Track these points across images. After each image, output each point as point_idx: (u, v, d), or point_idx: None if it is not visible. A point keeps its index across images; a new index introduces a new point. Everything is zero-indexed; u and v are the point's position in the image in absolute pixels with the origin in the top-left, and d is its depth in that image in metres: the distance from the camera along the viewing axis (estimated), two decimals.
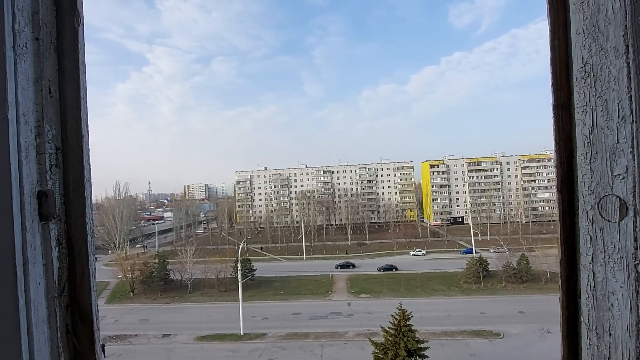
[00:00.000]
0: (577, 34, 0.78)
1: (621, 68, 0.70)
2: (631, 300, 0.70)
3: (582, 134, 0.77)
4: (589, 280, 0.77)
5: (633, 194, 0.69)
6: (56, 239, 0.82)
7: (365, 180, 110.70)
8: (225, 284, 55.25)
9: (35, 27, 0.80)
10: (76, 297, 0.86)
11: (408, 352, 26.54)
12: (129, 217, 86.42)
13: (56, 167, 0.83)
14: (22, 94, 0.76)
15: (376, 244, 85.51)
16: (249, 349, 36.17)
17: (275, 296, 52.33)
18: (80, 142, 0.86)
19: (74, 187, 0.85)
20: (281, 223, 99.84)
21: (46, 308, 0.80)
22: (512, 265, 53.33)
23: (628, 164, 0.69)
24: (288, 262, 74.18)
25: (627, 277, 0.70)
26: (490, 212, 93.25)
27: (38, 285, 0.78)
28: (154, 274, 56.38)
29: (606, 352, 0.74)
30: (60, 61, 0.84)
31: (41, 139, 0.80)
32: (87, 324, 0.87)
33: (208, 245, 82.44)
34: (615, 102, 0.71)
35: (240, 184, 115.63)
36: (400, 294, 48.22)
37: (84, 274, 0.87)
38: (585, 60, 0.76)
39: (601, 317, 0.75)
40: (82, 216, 0.86)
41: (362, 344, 33.45)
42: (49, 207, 0.81)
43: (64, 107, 0.84)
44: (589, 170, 0.76)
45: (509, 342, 34.97)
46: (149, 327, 42.24)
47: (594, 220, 0.75)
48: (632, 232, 0.69)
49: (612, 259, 0.72)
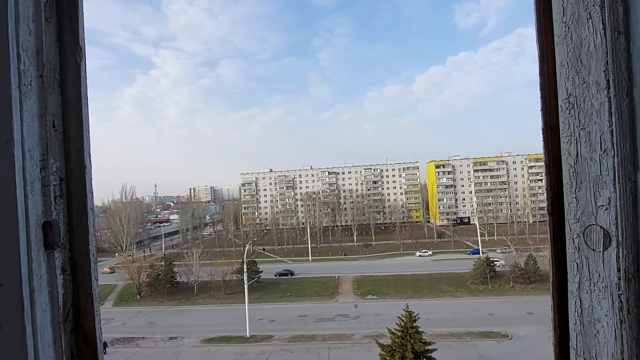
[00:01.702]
0: (561, 65, 0.80)
1: (603, 102, 0.71)
2: (616, 329, 0.71)
3: (567, 164, 0.79)
4: (576, 307, 0.78)
5: (616, 225, 0.70)
6: (61, 266, 0.86)
7: (370, 181, 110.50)
8: (231, 286, 55.44)
9: (39, 65, 0.83)
10: (80, 322, 0.89)
11: (415, 354, 26.42)
12: (135, 220, 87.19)
13: (60, 198, 0.87)
14: (27, 130, 0.80)
15: (382, 245, 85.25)
16: (256, 352, 36.24)
17: (282, 298, 52.40)
18: (83, 173, 0.89)
19: (77, 216, 0.89)
20: (287, 225, 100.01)
21: (52, 333, 0.84)
22: (519, 266, 52.84)
23: (610, 195, 0.71)
24: (294, 263, 74.23)
25: (611, 306, 0.71)
26: (497, 212, 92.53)
27: (44, 312, 0.82)
28: (161, 276, 56.76)
29: None
30: (63, 95, 0.88)
31: (46, 171, 0.84)
32: (90, 347, 0.90)
33: (214, 247, 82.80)
34: (598, 135, 0.72)
35: (245, 186, 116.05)
36: (407, 296, 48.05)
37: (87, 299, 0.90)
38: (569, 92, 0.78)
39: (588, 343, 0.76)
40: (85, 243, 0.89)
41: (369, 346, 33.36)
42: (54, 236, 0.84)
43: (68, 140, 0.88)
44: (575, 199, 0.77)
45: (517, 344, 34.64)
46: (156, 330, 42.52)
47: (579, 248, 0.77)
48: (615, 263, 0.70)
49: (597, 287, 0.74)
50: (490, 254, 61.04)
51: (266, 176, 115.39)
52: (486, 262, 53.48)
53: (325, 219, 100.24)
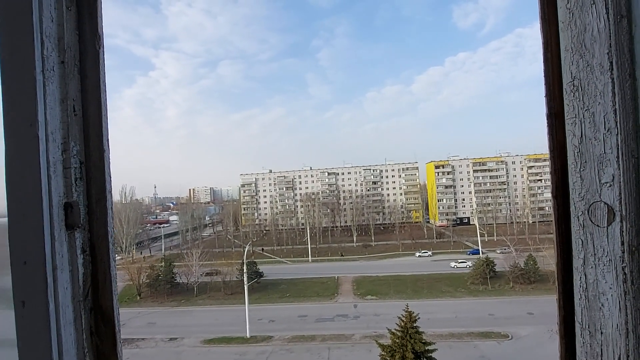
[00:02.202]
0: (565, 50, 0.82)
1: (606, 83, 0.74)
2: (620, 300, 0.74)
3: (572, 144, 0.82)
4: (581, 282, 0.81)
5: (619, 200, 0.73)
6: (81, 247, 0.89)
7: (370, 182, 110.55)
8: (231, 286, 55.41)
9: (60, 52, 0.86)
10: (99, 302, 0.92)
11: (415, 354, 26.41)
12: (135, 221, 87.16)
13: (80, 180, 0.89)
14: (50, 114, 0.82)
15: (382, 246, 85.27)
16: (256, 352, 36.23)
17: (282, 299, 52.39)
18: (102, 157, 0.92)
19: (96, 199, 0.91)
20: (286, 225, 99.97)
21: (72, 311, 0.86)
22: (519, 266, 52.87)
23: (614, 172, 0.74)
24: (294, 264, 74.22)
25: (615, 279, 0.74)
26: (497, 213, 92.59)
27: (65, 290, 0.84)
28: (161, 277, 56.73)
29: (598, 350, 0.79)
30: (83, 82, 0.91)
31: (67, 154, 0.86)
32: (109, 326, 0.93)
33: (214, 248, 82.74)
34: (602, 115, 0.75)
35: (245, 187, 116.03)
36: (406, 296, 48.05)
37: (106, 279, 0.93)
38: (573, 75, 0.80)
39: (593, 317, 0.79)
40: (104, 225, 0.92)
41: (369, 346, 33.35)
42: (75, 217, 0.87)
43: (87, 125, 0.91)
44: (579, 178, 0.80)
45: (518, 344, 34.66)
46: (156, 331, 42.48)
47: (584, 225, 0.80)
48: (619, 237, 0.73)
49: (601, 262, 0.77)
50: (490, 254, 61.06)
51: (266, 177, 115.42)
52: (486, 263, 53.53)
53: (324, 219, 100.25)
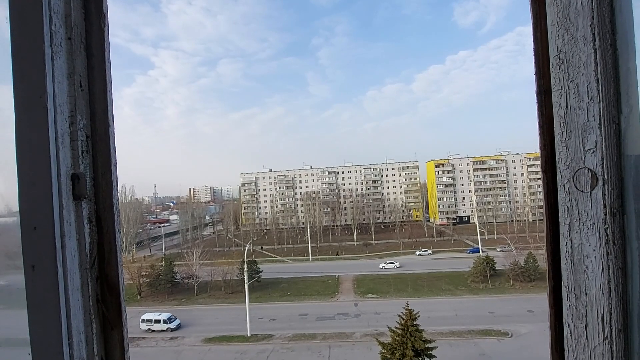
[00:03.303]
0: (552, 25, 0.86)
1: (589, 54, 0.78)
2: (602, 261, 0.78)
3: (558, 115, 0.85)
4: (567, 247, 0.85)
5: (602, 165, 0.77)
6: (87, 217, 0.92)
7: (370, 181, 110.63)
8: (231, 285, 55.50)
9: (67, 28, 0.90)
10: (105, 271, 0.96)
11: (415, 352, 26.50)
12: (135, 221, 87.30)
13: (87, 153, 0.93)
14: (58, 87, 0.86)
15: (382, 244, 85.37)
16: (257, 351, 36.30)
17: (282, 297, 52.47)
18: (107, 131, 0.95)
19: (102, 172, 0.95)
20: (287, 224, 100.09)
21: (79, 278, 0.90)
22: (519, 264, 52.95)
23: (597, 139, 0.77)
24: (294, 263, 74.31)
25: (598, 241, 0.78)
26: (497, 211, 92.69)
27: (73, 257, 0.88)
28: (161, 276, 56.82)
29: (583, 311, 0.82)
30: (89, 59, 0.94)
31: (74, 127, 0.90)
32: (114, 295, 0.96)
33: (214, 247, 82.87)
34: (585, 85, 0.79)
35: (245, 186, 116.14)
36: (407, 294, 48.10)
37: (111, 250, 0.96)
38: (559, 49, 0.84)
39: (578, 280, 0.83)
40: (109, 197, 0.96)
41: (369, 345, 33.44)
42: (81, 188, 0.90)
43: (93, 100, 0.94)
44: (565, 147, 0.84)
45: (518, 342, 34.73)
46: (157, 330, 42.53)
47: (570, 192, 0.83)
48: (601, 200, 0.77)
49: (585, 226, 0.80)
50: (491, 252, 61.14)
51: (266, 176, 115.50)
52: (486, 261, 53.60)
53: (325, 218, 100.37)
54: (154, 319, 42.66)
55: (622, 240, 0.76)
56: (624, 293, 0.76)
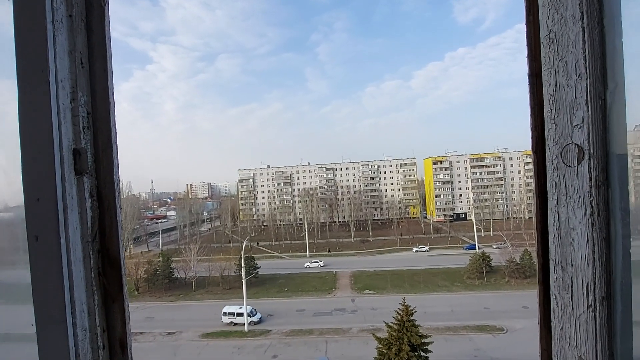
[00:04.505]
0: (542, 5, 0.88)
1: (577, 32, 0.80)
2: (587, 232, 0.81)
3: (547, 94, 0.88)
4: (555, 221, 0.87)
5: (588, 140, 0.79)
6: (89, 191, 0.94)
7: (368, 177, 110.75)
8: (229, 281, 55.60)
9: (68, 6, 0.91)
10: (106, 245, 0.98)
11: (412, 347, 26.68)
12: (132, 216, 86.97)
13: (88, 129, 0.95)
14: (59, 63, 0.88)
15: (379, 241, 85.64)
16: (254, 346, 36.46)
17: (280, 293, 52.63)
18: (107, 108, 0.97)
19: (102, 148, 0.97)
20: (284, 221, 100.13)
21: (81, 250, 0.92)
22: (515, 261, 53.32)
23: (584, 115, 0.80)
24: (292, 259, 74.46)
25: (584, 213, 0.81)
26: (493, 208, 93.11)
27: (75, 230, 0.90)
28: (159, 272, 56.82)
29: (569, 282, 0.85)
30: (89, 36, 0.96)
31: (75, 103, 0.92)
32: (116, 268, 0.98)
33: (212, 243, 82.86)
34: (573, 63, 0.81)
35: (243, 182, 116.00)
36: (403, 290, 48.35)
37: (112, 224, 0.98)
38: (549, 29, 0.86)
39: (564, 252, 0.86)
40: (110, 173, 0.98)
41: (366, 340, 33.64)
42: (82, 163, 0.92)
43: (94, 77, 0.96)
44: (554, 124, 0.87)
45: (512, 337, 35.05)
46: (155, 325, 42.63)
47: (557, 168, 0.86)
48: (587, 174, 0.80)
49: (572, 199, 0.83)
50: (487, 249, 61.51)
51: (264, 172, 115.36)
52: (482, 258, 53.93)
53: (322, 214, 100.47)
54: (236, 312, 42.05)
55: (606, 212, 0.79)
56: (608, 263, 0.79)
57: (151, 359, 35.14)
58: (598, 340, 0.81)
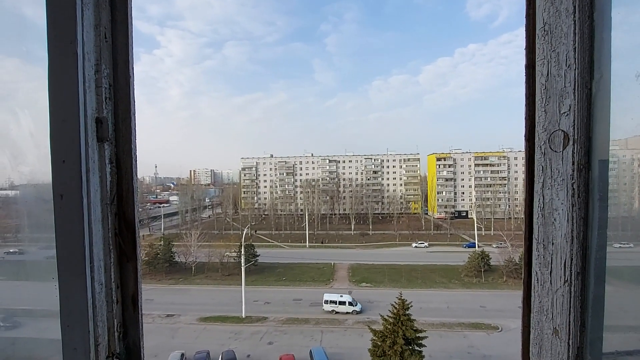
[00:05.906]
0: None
1: (570, 25, 0.86)
2: (568, 213, 0.87)
3: (540, 83, 0.94)
4: (539, 203, 0.94)
5: (573, 126, 0.86)
6: (109, 157, 1.02)
7: (370, 171, 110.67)
8: (228, 268, 56.16)
9: None
10: (123, 208, 1.05)
11: (406, 340, 26.97)
12: None
13: (109, 100, 1.02)
14: (86, 36, 0.94)
15: (379, 235, 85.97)
16: (251, 332, 36.99)
17: (278, 282, 53.14)
18: (128, 81, 1.04)
19: (122, 118, 1.04)
20: (285, 211, 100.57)
21: (101, 212, 1.00)
22: (514, 261, 53.43)
23: (571, 103, 0.86)
24: (291, 249, 74.98)
25: (566, 195, 0.87)
26: (495, 207, 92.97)
27: (96, 192, 0.98)
28: (159, 255, 57.42)
29: (549, 259, 0.92)
30: (113, 13, 1.02)
31: (99, 74, 0.99)
32: (131, 230, 1.06)
33: (213, 230, 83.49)
34: (564, 54, 0.87)
35: (245, 171, 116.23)
36: (400, 285, 48.66)
37: (129, 190, 1.06)
38: (544, 21, 0.92)
39: (547, 231, 0.93)
40: (128, 142, 1.05)
41: (361, 331, 34.06)
42: (104, 131, 1.00)
43: (116, 51, 1.03)
44: (544, 112, 0.93)
45: (506, 336, 35.32)
46: (154, 307, 43.20)
47: (545, 153, 0.92)
48: (571, 158, 0.86)
49: (556, 182, 0.90)
50: (486, 248, 61.64)
51: (266, 161, 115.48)
52: (481, 256, 54.08)
53: (323, 206, 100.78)
54: (338, 300, 41.80)
55: (585, 193, 0.85)
56: (584, 240, 0.86)
57: (150, 340, 35.75)
58: (572, 312, 0.88)
